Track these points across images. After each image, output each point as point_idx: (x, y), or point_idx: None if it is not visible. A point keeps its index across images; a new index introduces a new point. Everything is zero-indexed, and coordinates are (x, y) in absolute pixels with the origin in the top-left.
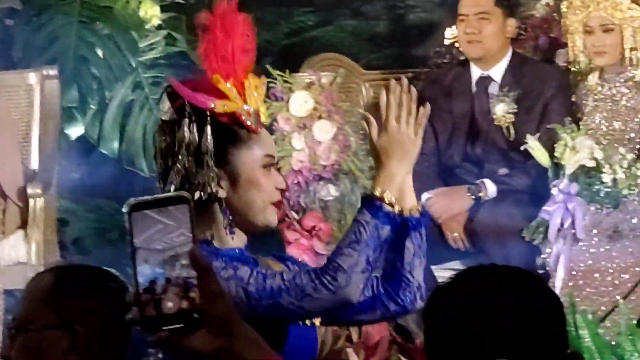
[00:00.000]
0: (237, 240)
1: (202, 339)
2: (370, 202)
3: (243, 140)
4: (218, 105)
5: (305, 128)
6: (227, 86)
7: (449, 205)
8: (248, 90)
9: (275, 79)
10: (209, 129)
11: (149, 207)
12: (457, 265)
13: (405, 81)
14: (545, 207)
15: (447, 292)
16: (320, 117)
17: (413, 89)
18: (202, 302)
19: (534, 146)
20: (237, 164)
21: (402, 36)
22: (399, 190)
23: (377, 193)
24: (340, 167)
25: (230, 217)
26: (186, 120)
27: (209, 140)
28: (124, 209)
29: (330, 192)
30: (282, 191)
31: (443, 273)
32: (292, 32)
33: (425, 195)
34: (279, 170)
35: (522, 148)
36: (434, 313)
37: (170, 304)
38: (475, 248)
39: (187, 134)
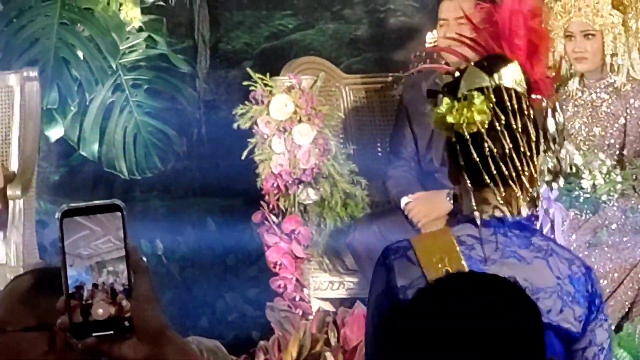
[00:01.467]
0: None
1: (132, 347)
2: None
3: None
4: None
5: (285, 131)
6: None
7: (429, 209)
8: None
9: (256, 82)
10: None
11: (81, 213)
12: None
13: None
14: None
15: (427, 297)
16: (300, 121)
17: None
18: (134, 305)
19: None
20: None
21: (383, 40)
22: None
23: None
24: (320, 171)
25: None
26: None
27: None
28: (56, 215)
29: (310, 195)
30: None
31: None
32: (272, 35)
33: (404, 200)
34: None
35: None
36: (411, 320)
37: (100, 311)
38: None
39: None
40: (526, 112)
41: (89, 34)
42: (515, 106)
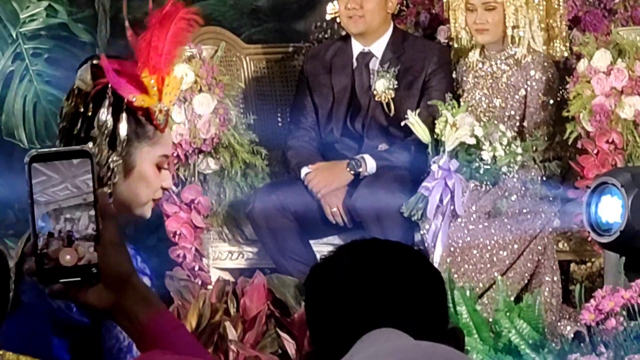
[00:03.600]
0: None
1: (97, 295)
2: None
3: (148, 137)
4: (138, 100)
5: (185, 101)
6: (151, 82)
7: (329, 180)
8: (166, 88)
9: None
10: (124, 116)
11: (49, 159)
12: (336, 240)
13: None
14: (424, 184)
15: (329, 265)
16: (200, 91)
17: None
18: (100, 252)
19: (414, 122)
20: (135, 157)
21: (284, 10)
22: None
23: None
24: (220, 141)
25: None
26: (106, 102)
27: (124, 128)
28: (25, 160)
29: (209, 165)
30: (165, 190)
31: (322, 248)
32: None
33: (304, 170)
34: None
35: (402, 124)
36: (315, 286)
37: (68, 257)
38: (354, 223)
39: (104, 116)
40: None
41: None
42: None
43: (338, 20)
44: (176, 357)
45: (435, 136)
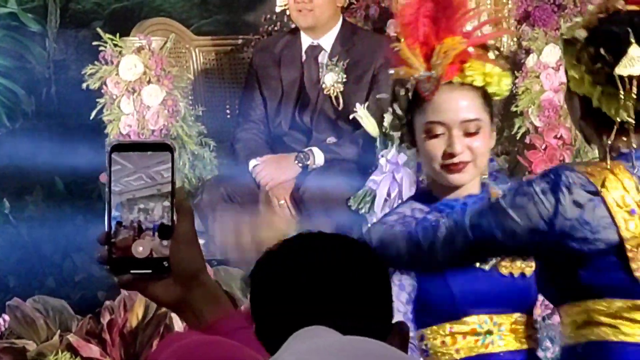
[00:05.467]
0: None
1: (166, 289)
2: None
3: (418, 104)
4: (395, 72)
5: (134, 92)
6: (407, 53)
7: (277, 172)
8: (436, 56)
9: (106, 42)
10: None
11: (130, 149)
12: None
13: None
14: (372, 177)
15: (275, 257)
16: (149, 82)
17: None
18: (173, 246)
19: (362, 115)
20: (414, 126)
21: (233, 2)
22: None
23: None
24: (168, 132)
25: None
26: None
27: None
28: (106, 149)
29: None
30: (453, 154)
31: None
32: None
33: (252, 162)
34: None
35: (350, 117)
36: (259, 278)
37: (140, 248)
38: (302, 216)
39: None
40: None
41: None
42: None
43: (288, 13)
44: (210, 338)
45: (383, 130)
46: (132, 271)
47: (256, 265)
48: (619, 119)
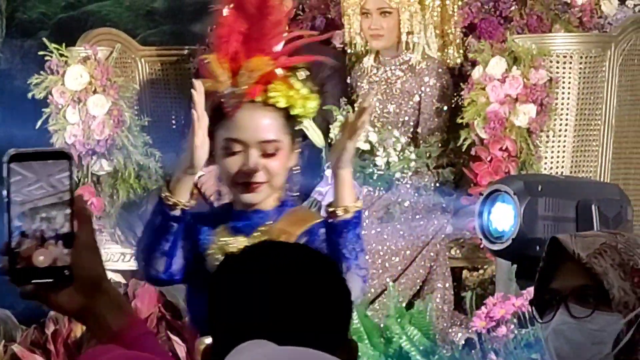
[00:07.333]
0: None
1: (68, 298)
2: None
3: (219, 119)
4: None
5: (79, 102)
6: (216, 66)
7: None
8: (241, 74)
9: (52, 52)
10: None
11: (29, 158)
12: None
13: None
14: (318, 188)
15: (232, 265)
16: (95, 92)
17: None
18: (74, 254)
19: (308, 126)
20: (214, 140)
21: (179, 13)
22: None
23: None
24: (114, 142)
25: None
26: None
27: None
28: (4, 159)
29: (103, 166)
30: (248, 173)
31: None
32: (69, 5)
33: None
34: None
35: (296, 128)
36: (217, 286)
37: (41, 258)
38: None
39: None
40: None
41: None
42: None
43: None
44: (132, 353)
45: (329, 141)
46: (33, 281)
47: (213, 274)
48: None
